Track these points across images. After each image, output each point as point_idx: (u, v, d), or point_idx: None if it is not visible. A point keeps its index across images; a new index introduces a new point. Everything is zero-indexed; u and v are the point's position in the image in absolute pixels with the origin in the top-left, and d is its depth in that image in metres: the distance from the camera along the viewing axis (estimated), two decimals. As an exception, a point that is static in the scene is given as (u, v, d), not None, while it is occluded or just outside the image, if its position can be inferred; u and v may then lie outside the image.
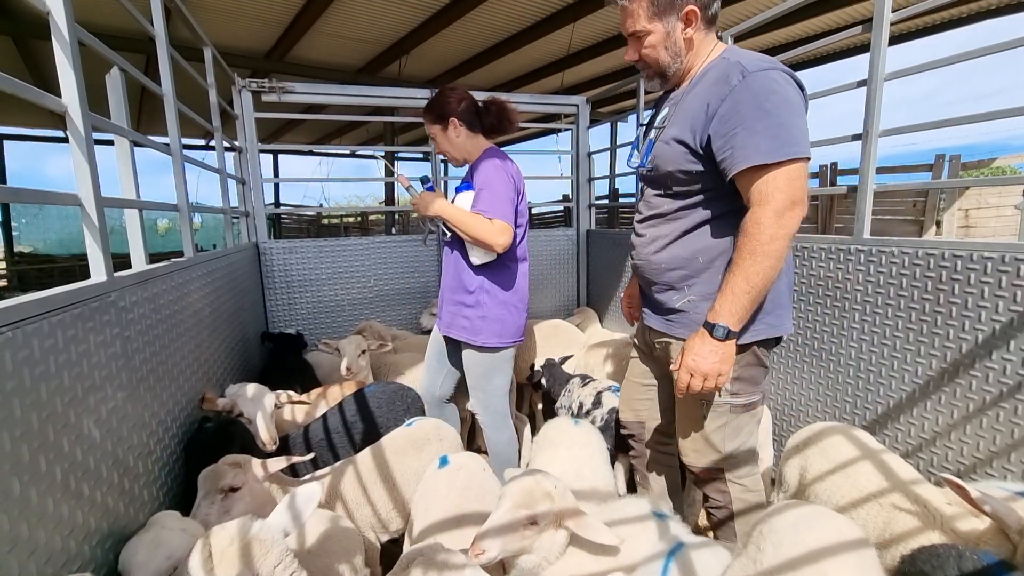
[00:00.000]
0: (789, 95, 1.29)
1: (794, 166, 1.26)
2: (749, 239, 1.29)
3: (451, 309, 2.20)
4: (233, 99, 3.25)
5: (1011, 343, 1.51)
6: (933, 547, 1.15)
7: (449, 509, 1.46)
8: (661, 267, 1.54)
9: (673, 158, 1.45)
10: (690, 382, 1.38)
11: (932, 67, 1.85)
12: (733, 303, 1.31)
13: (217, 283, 2.31)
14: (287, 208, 14.23)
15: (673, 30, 1.41)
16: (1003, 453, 1.54)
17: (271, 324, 3.40)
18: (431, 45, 6.50)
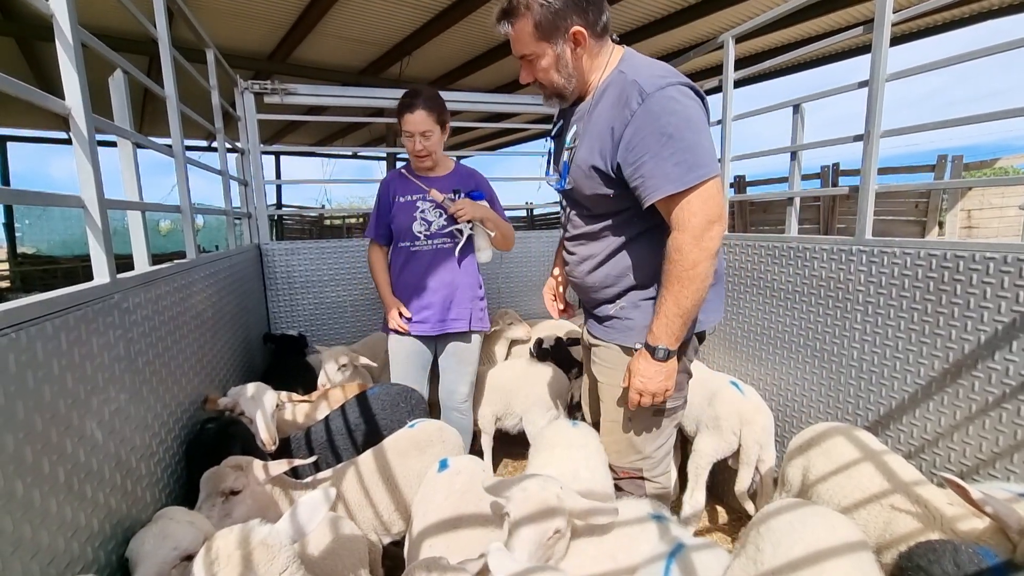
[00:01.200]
0: (689, 113, 1.30)
1: (704, 187, 1.28)
2: (674, 265, 1.33)
3: (468, 306, 2.40)
4: (235, 100, 3.27)
5: (1013, 344, 1.51)
6: (930, 543, 1.15)
7: (448, 512, 1.46)
8: (595, 285, 1.61)
9: (589, 183, 1.47)
10: (640, 400, 1.47)
11: (934, 68, 1.85)
12: (668, 326, 1.38)
13: (219, 284, 2.32)
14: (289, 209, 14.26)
15: (563, 52, 1.41)
16: (1006, 454, 1.54)
17: (273, 325, 3.41)
18: (433, 46, 6.50)
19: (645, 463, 1.65)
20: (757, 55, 6.97)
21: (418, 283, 2.35)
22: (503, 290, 4.06)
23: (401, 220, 2.33)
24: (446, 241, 2.35)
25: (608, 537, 1.32)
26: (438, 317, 2.36)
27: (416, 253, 2.34)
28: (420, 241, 2.33)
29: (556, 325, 3.34)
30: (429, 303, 2.35)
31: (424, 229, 2.32)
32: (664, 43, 6.60)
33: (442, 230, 2.33)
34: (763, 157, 2.84)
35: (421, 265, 2.34)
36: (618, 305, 1.58)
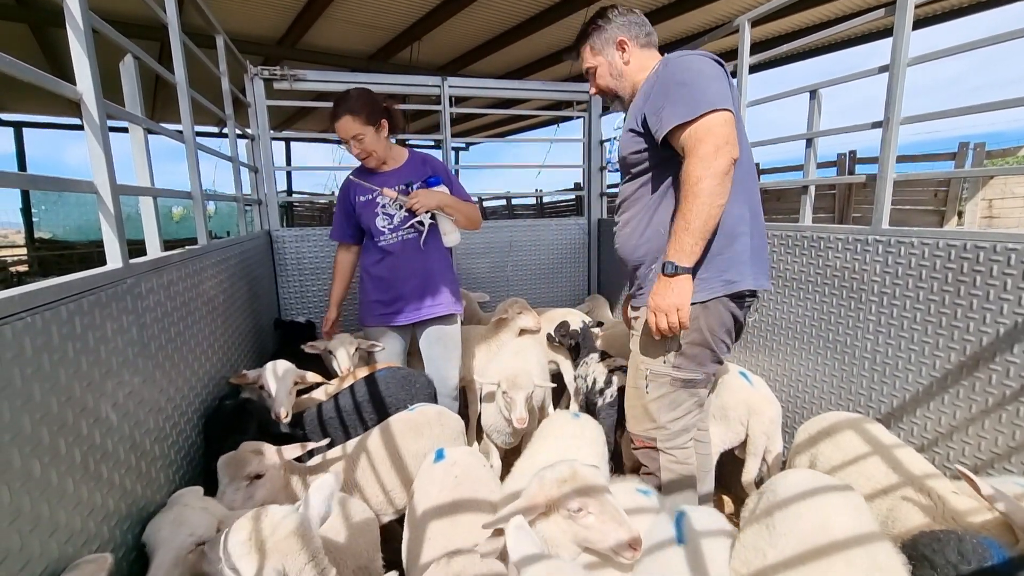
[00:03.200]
0: (703, 67, 1.51)
1: (711, 116, 1.43)
2: (683, 185, 1.47)
3: (443, 290, 2.49)
4: (245, 87, 3.26)
5: (1012, 345, 1.48)
6: (934, 532, 1.15)
7: (444, 501, 1.47)
8: (636, 246, 1.72)
9: (625, 144, 1.71)
10: (656, 321, 1.55)
11: (957, 51, 1.79)
12: (676, 242, 1.49)
13: (230, 270, 2.34)
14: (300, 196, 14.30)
15: (613, 59, 1.74)
16: (1022, 448, 1.51)
17: (283, 311, 3.44)
18: (443, 31, 6.44)
19: (659, 433, 1.69)
20: (773, 39, 6.81)
21: (391, 275, 2.41)
22: (512, 278, 4.05)
23: (365, 219, 2.41)
24: (411, 231, 2.40)
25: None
26: (414, 306, 2.45)
27: (384, 247, 2.41)
28: (386, 236, 2.39)
29: (566, 313, 3.34)
30: (402, 293, 2.42)
31: (387, 224, 2.39)
32: (679, 27, 6.47)
33: (405, 221, 2.39)
34: (778, 144, 2.78)
35: (391, 257, 2.41)
36: (651, 268, 1.68)
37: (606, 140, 4.09)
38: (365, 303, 2.51)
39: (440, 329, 2.52)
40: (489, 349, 2.94)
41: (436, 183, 2.43)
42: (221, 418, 1.82)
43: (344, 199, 2.47)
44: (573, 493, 1.21)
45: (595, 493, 1.21)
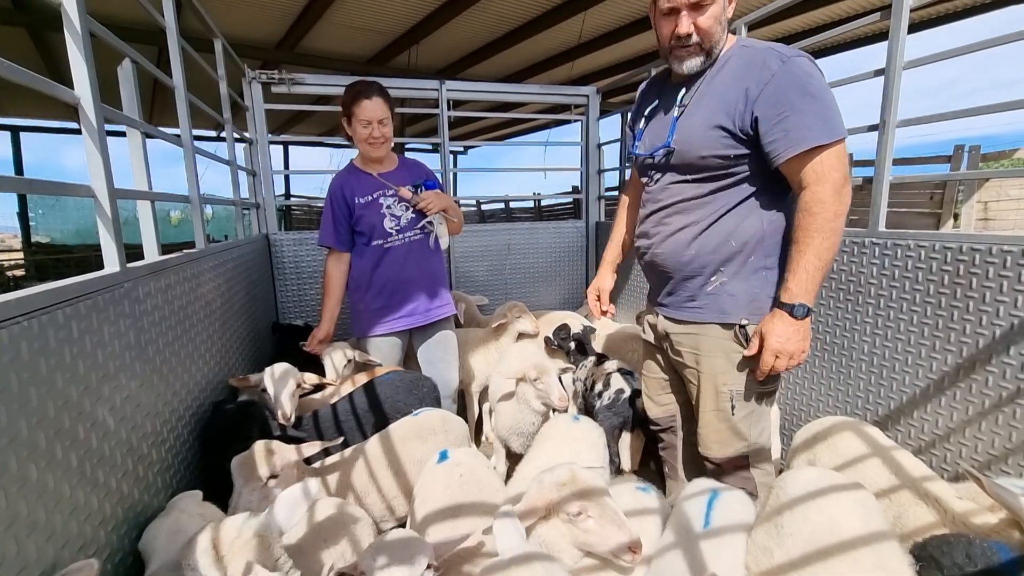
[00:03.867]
0: (823, 80, 1.38)
1: (841, 146, 1.35)
2: (815, 218, 1.34)
3: (447, 292, 2.52)
4: (243, 90, 3.27)
5: (1008, 347, 1.48)
6: (944, 536, 1.15)
7: (447, 503, 1.47)
8: (691, 255, 1.53)
9: (708, 143, 1.44)
10: (775, 364, 1.42)
11: (952, 55, 1.81)
12: (808, 282, 1.36)
13: (228, 274, 2.33)
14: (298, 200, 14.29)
15: (725, 7, 1.43)
16: (1018, 450, 1.52)
17: (281, 315, 3.43)
18: (441, 35, 6.46)
19: (751, 450, 1.60)
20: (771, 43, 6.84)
21: (398, 277, 2.35)
22: (511, 282, 4.05)
23: (370, 220, 2.31)
24: (417, 233, 2.37)
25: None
26: (425, 307, 2.41)
27: (390, 249, 2.34)
28: (393, 237, 2.33)
29: (564, 316, 3.34)
30: (412, 295, 2.38)
31: (395, 224, 2.33)
32: (675, 31, 6.49)
33: (412, 224, 2.35)
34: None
35: (397, 259, 2.34)
36: (717, 280, 1.52)
37: (604, 143, 4.10)
38: (366, 312, 2.40)
39: (441, 331, 2.50)
40: (488, 352, 2.94)
41: (433, 187, 2.43)
42: (222, 423, 1.79)
43: (338, 200, 2.34)
44: (572, 496, 1.22)
45: (594, 496, 1.21)
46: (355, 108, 2.21)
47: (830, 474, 1.32)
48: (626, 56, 7.73)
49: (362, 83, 2.25)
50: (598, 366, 2.48)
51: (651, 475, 2.13)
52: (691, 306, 1.57)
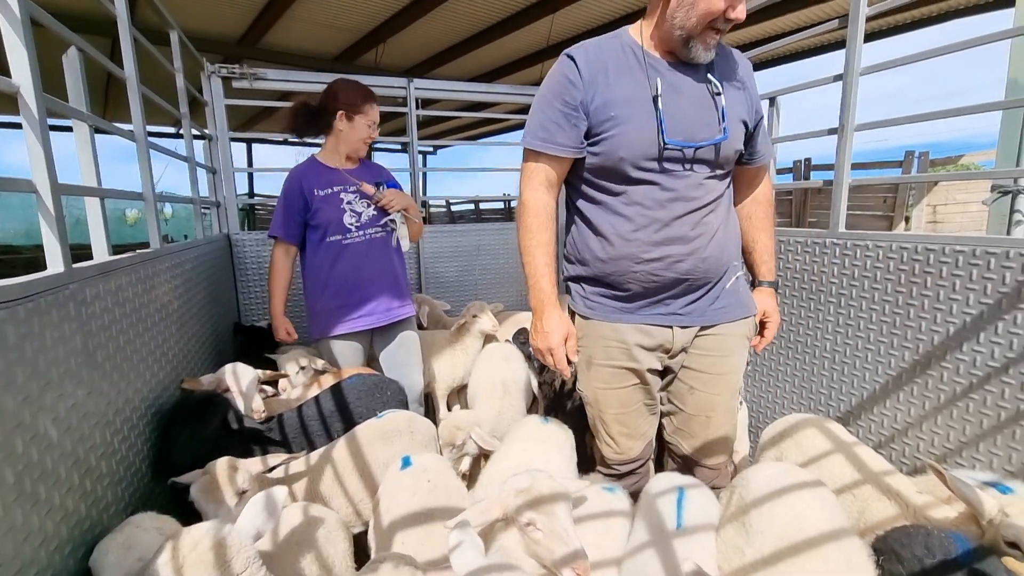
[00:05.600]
0: None
1: None
2: (771, 207, 1.65)
3: (408, 292, 2.49)
4: (202, 85, 3.14)
5: (980, 335, 1.55)
6: (904, 527, 1.18)
7: (416, 509, 1.43)
8: (729, 254, 1.50)
9: (739, 139, 1.45)
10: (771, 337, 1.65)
11: (906, 62, 1.88)
12: (773, 258, 1.66)
13: (186, 275, 2.23)
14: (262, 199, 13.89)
15: None
16: (972, 443, 1.58)
17: (243, 317, 3.31)
18: (408, 34, 6.38)
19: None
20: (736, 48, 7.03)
21: (357, 275, 2.29)
22: (480, 282, 4.03)
23: (328, 214, 2.25)
24: (378, 230, 2.34)
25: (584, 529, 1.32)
26: (385, 306, 2.36)
27: (349, 246, 2.28)
28: (352, 233, 2.28)
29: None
30: (372, 294, 2.33)
31: (355, 220, 2.29)
32: (643, 35, 6.59)
33: (373, 220, 2.32)
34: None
35: (357, 257, 2.29)
36: (733, 274, 1.53)
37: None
38: (324, 312, 2.32)
39: (404, 334, 2.46)
40: (453, 354, 2.90)
41: (394, 187, 2.44)
42: (187, 408, 1.74)
43: (294, 191, 2.26)
44: (524, 507, 1.19)
45: (546, 508, 1.17)
46: (366, 107, 2.28)
47: (790, 469, 1.34)
48: (595, 59, 7.79)
49: (365, 86, 2.33)
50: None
51: (622, 474, 2.14)
52: (716, 308, 1.50)
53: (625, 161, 1.37)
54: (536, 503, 1.18)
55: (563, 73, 1.41)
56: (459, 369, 2.87)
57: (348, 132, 2.27)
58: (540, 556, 1.16)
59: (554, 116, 1.40)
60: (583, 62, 1.39)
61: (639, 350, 1.50)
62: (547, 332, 1.44)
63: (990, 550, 1.06)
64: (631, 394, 1.57)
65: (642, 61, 1.39)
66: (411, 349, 2.49)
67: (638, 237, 1.40)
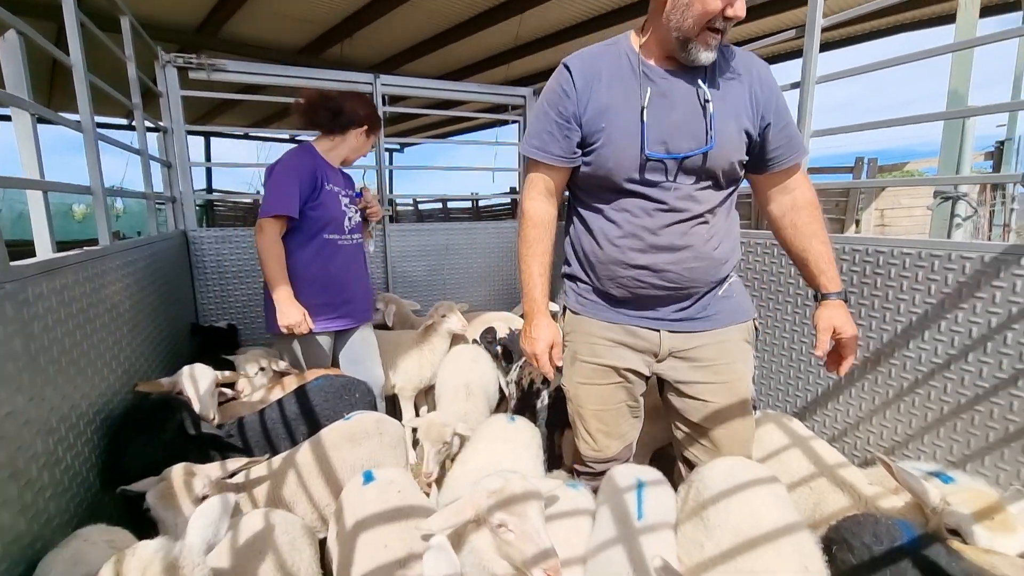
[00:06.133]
0: None
1: None
2: (816, 210, 1.48)
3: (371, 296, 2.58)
4: (156, 75, 3.01)
5: (925, 333, 1.63)
6: (854, 516, 1.24)
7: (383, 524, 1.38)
8: (720, 265, 1.46)
9: (736, 147, 1.37)
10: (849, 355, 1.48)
11: (860, 72, 1.96)
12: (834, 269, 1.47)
13: (139, 274, 2.13)
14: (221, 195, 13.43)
15: None
16: (918, 435, 1.67)
17: (201, 317, 3.19)
18: (375, 29, 6.28)
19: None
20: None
21: (342, 276, 2.31)
22: (449, 282, 4.00)
23: (331, 210, 2.24)
24: (359, 236, 2.44)
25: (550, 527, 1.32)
26: (362, 309, 2.45)
27: (341, 247, 2.32)
28: (345, 236, 2.33)
29: (503, 317, 3.33)
30: (352, 295, 2.37)
31: (349, 224, 2.36)
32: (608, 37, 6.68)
33: (358, 226, 2.43)
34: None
35: (345, 258, 2.33)
36: (729, 281, 1.51)
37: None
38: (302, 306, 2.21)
39: (363, 331, 2.49)
40: (421, 354, 2.87)
41: (359, 196, 2.48)
42: (137, 412, 1.67)
43: (307, 174, 2.16)
44: (495, 508, 1.18)
45: (518, 509, 1.17)
46: (378, 132, 2.44)
47: (744, 464, 1.37)
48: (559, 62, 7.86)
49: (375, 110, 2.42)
50: None
51: (589, 472, 2.16)
52: (706, 315, 1.48)
53: (613, 172, 1.37)
54: (508, 504, 1.17)
55: (558, 83, 1.41)
56: (427, 369, 2.84)
57: (357, 145, 2.36)
58: (511, 557, 1.15)
59: (548, 126, 1.41)
60: (578, 71, 1.39)
61: (625, 349, 1.51)
62: (534, 339, 1.48)
63: (934, 537, 1.11)
64: (613, 392, 1.57)
65: (636, 69, 1.35)
66: (369, 343, 2.52)
67: (625, 244, 1.41)
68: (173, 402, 1.76)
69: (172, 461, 1.45)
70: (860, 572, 1.09)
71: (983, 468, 1.52)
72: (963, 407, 1.56)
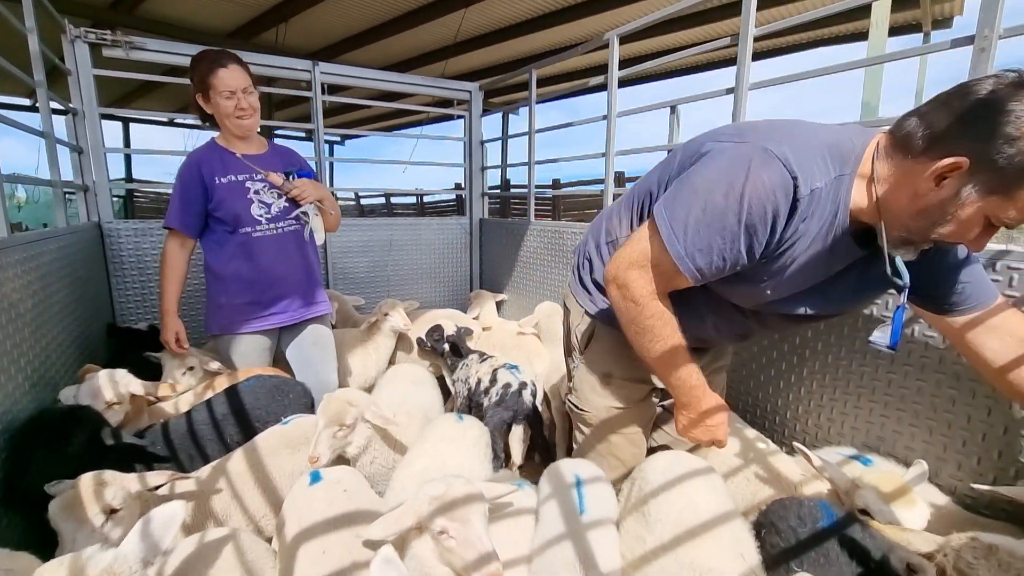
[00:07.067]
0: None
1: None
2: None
3: (322, 288, 2.37)
4: (64, 51, 2.74)
5: (845, 328, 1.76)
6: (780, 501, 1.31)
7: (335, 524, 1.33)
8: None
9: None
10: None
11: (790, 80, 2.09)
12: None
13: (43, 270, 1.94)
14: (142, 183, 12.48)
15: None
16: (838, 421, 1.80)
17: (119, 317, 2.95)
18: (313, 15, 6.04)
19: None
20: (639, 58, 7.43)
21: (270, 271, 2.14)
22: (393, 279, 3.91)
23: (233, 205, 2.06)
24: (291, 223, 2.18)
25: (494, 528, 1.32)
26: (299, 304, 2.23)
27: (260, 239, 2.11)
28: (262, 225, 2.11)
29: (448, 315, 3.29)
30: (286, 291, 2.19)
31: (265, 212, 2.11)
32: (554, 38, 6.77)
33: (285, 212, 2.16)
34: (641, 154, 3.02)
35: (269, 251, 2.13)
36: None
37: (487, 141, 4.11)
38: (228, 307, 2.13)
39: (317, 330, 2.32)
40: (365, 352, 2.79)
41: (308, 176, 2.25)
42: (41, 423, 1.51)
43: (192, 178, 2.04)
44: (436, 513, 1.16)
45: (459, 514, 1.15)
46: (212, 79, 1.97)
47: (681, 458, 1.42)
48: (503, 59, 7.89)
49: (211, 51, 2.03)
50: (481, 363, 2.47)
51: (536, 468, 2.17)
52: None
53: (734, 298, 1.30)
54: (449, 509, 1.15)
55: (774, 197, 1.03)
56: (371, 368, 2.76)
57: (216, 112, 2.04)
58: (452, 564, 1.13)
59: (731, 245, 1.08)
60: (805, 203, 1.04)
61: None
62: (715, 425, 1.28)
63: (852, 516, 1.20)
64: (645, 410, 1.55)
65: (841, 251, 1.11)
66: (325, 346, 2.35)
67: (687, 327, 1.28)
68: (83, 411, 1.60)
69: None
70: (788, 553, 1.16)
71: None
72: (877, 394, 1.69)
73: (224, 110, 2.01)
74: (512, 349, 2.94)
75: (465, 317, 3.38)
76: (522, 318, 3.14)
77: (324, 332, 2.36)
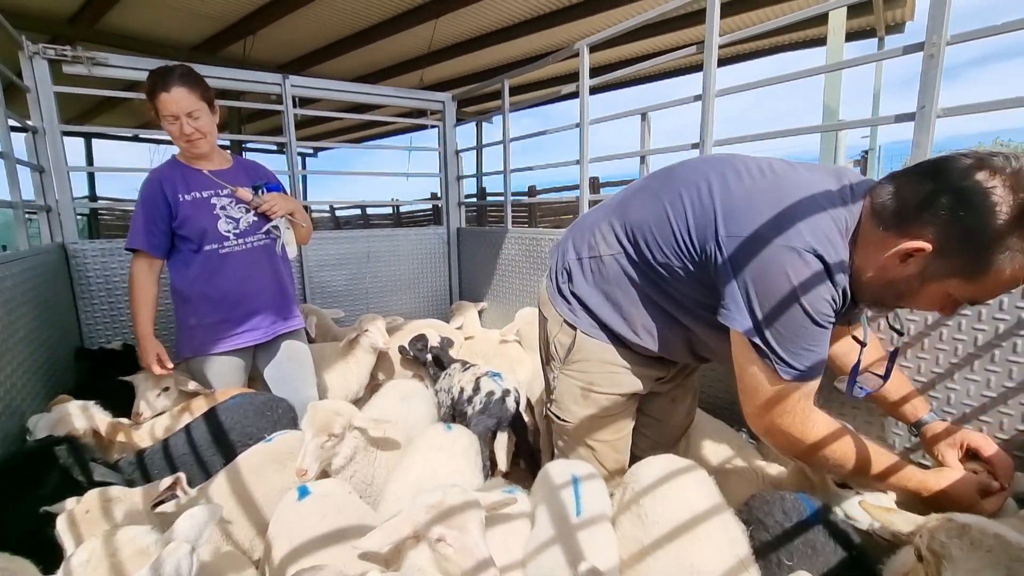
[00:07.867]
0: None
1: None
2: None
3: (295, 303, 2.33)
4: (22, 68, 2.66)
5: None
6: (763, 496, 1.34)
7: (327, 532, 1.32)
8: None
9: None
10: None
11: (756, 86, 2.16)
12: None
13: (6, 294, 1.87)
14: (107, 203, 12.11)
15: None
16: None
17: (88, 340, 2.85)
18: (281, 27, 5.98)
19: None
20: (610, 66, 7.56)
21: (239, 287, 2.09)
22: (372, 291, 3.87)
23: (199, 222, 2.02)
24: (261, 238, 2.15)
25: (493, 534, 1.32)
26: (271, 320, 2.19)
27: (228, 256, 2.06)
28: (230, 241, 2.07)
29: (429, 325, 3.28)
30: (257, 307, 2.14)
31: (233, 228, 2.07)
32: (525, 47, 6.84)
33: (254, 227, 2.13)
34: (613, 160, 3.09)
35: (238, 268, 2.08)
36: None
37: (462, 150, 4.13)
38: (199, 328, 2.08)
39: (293, 345, 2.28)
40: (346, 367, 2.75)
41: (276, 189, 2.21)
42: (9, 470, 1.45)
43: (155, 197, 1.99)
44: (433, 522, 1.16)
45: (456, 522, 1.15)
46: (156, 103, 1.91)
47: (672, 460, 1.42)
48: (476, 68, 7.94)
49: (159, 71, 1.92)
50: (464, 372, 2.47)
51: (522, 474, 2.18)
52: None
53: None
54: (446, 517, 1.15)
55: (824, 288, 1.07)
56: (353, 383, 2.73)
57: (170, 131, 1.98)
58: (450, 572, 1.13)
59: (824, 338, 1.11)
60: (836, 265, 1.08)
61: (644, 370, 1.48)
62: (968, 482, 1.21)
63: (829, 507, 1.24)
64: (628, 419, 1.55)
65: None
66: (302, 362, 2.31)
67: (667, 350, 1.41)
68: (48, 450, 1.52)
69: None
70: (777, 545, 1.19)
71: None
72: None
73: (171, 134, 1.98)
74: (494, 357, 2.94)
75: (447, 327, 3.37)
76: (503, 325, 3.15)
77: (300, 347, 2.32)
